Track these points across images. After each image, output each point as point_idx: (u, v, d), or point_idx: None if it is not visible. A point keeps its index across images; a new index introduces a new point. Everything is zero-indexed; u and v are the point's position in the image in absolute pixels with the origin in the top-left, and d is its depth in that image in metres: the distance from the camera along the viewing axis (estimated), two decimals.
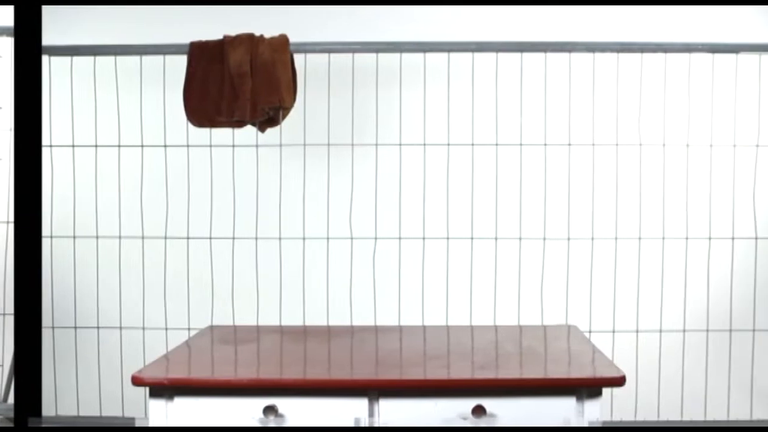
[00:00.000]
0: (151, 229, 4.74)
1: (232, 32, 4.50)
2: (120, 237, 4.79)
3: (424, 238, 4.69)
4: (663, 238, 4.78)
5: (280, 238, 4.68)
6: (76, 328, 4.82)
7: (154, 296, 4.74)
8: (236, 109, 4.48)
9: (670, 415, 4.76)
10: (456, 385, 2.61)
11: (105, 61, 4.66)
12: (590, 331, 4.57)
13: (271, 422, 2.54)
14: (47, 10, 4.80)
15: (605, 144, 4.74)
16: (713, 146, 4.82)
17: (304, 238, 4.65)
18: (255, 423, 2.58)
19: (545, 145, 4.68)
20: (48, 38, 4.71)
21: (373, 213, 4.71)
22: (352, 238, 4.62)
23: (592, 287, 4.76)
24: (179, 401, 2.60)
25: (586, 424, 2.59)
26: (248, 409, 2.57)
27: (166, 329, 4.65)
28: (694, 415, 4.75)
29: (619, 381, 2.60)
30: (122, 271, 4.79)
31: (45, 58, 4.68)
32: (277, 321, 4.51)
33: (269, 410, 2.53)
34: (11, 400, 4.73)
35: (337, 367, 2.87)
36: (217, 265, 4.70)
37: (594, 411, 2.60)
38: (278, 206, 4.66)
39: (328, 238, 4.68)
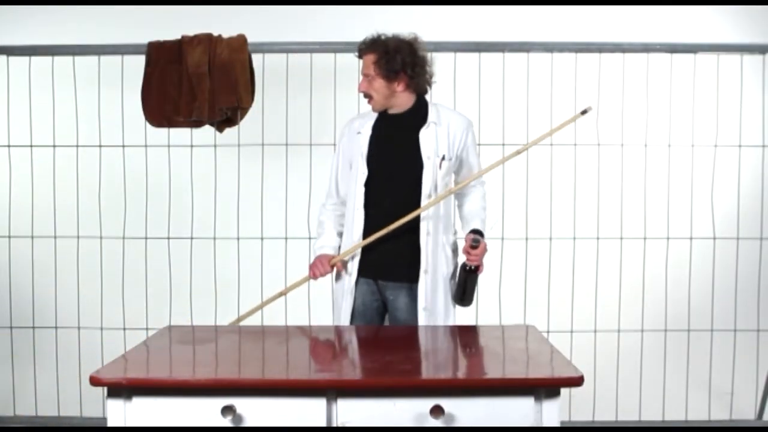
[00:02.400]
0: (109, 229, 4.73)
1: (191, 32, 4.50)
2: (78, 237, 4.79)
3: None
4: (621, 239, 4.79)
5: (238, 238, 4.68)
6: (34, 327, 4.82)
7: (112, 296, 4.73)
8: (194, 109, 4.48)
9: (628, 415, 4.77)
10: (414, 385, 2.59)
11: (63, 61, 4.66)
12: (548, 331, 4.55)
13: (229, 422, 2.53)
14: (4, 10, 4.79)
15: (563, 144, 4.74)
16: (671, 146, 4.83)
17: (262, 238, 4.65)
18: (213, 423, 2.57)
19: (503, 145, 4.68)
20: (6, 38, 4.70)
21: None
22: (309, 238, 4.62)
23: (550, 287, 4.76)
24: (137, 401, 2.58)
25: (544, 425, 2.58)
26: (206, 409, 2.55)
27: (124, 329, 4.65)
28: (652, 415, 4.76)
29: (577, 381, 2.57)
30: (80, 271, 4.78)
31: (3, 58, 4.67)
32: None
33: (227, 410, 2.51)
34: None
35: (295, 367, 2.86)
36: (175, 265, 4.69)
37: (552, 411, 2.57)
38: (236, 206, 4.65)
39: (286, 238, 4.68)
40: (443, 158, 3.82)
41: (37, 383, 4.80)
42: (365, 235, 3.84)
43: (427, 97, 3.96)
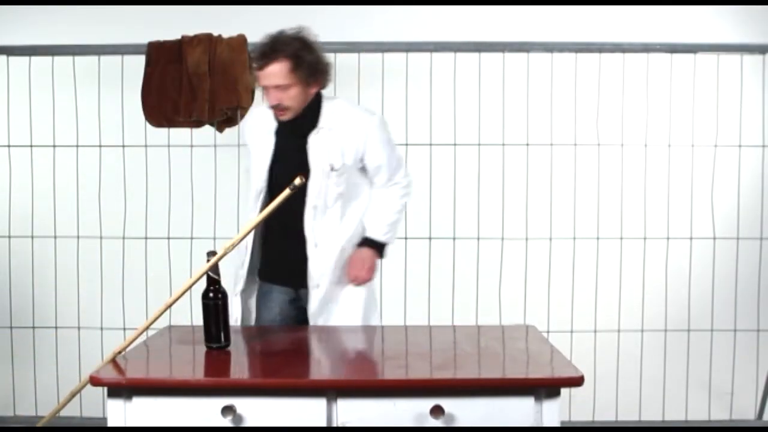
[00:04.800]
0: (109, 229, 4.73)
1: (191, 32, 4.50)
2: (78, 237, 4.79)
3: None
4: (621, 239, 4.79)
5: None
6: (34, 328, 4.81)
7: (112, 296, 4.73)
8: (194, 109, 4.48)
9: (628, 415, 4.76)
10: (414, 386, 2.61)
11: (63, 61, 4.65)
12: (548, 331, 4.53)
13: (229, 422, 2.54)
14: (4, 10, 4.78)
15: (563, 144, 4.75)
16: (671, 146, 4.83)
17: None
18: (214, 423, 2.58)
19: (503, 145, 4.69)
20: (6, 38, 4.70)
21: None
22: None
23: (550, 287, 4.76)
24: (137, 401, 2.60)
25: (544, 425, 2.58)
26: (206, 409, 2.57)
27: (125, 329, 4.64)
28: (652, 415, 4.76)
29: (577, 381, 2.59)
30: (80, 271, 4.78)
31: (3, 58, 4.67)
32: (235, 321, 4.50)
33: (227, 410, 2.52)
34: None
35: (296, 367, 2.86)
36: (175, 265, 4.68)
37: (552, 411, 2.59)
38: (236, 206, 4.64)
39: None
40: (332, 168, 3.56)
41: (37, 383, 4.79)
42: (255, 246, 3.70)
43: (326, 92, 3.68)
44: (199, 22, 4.60)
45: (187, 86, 4.48)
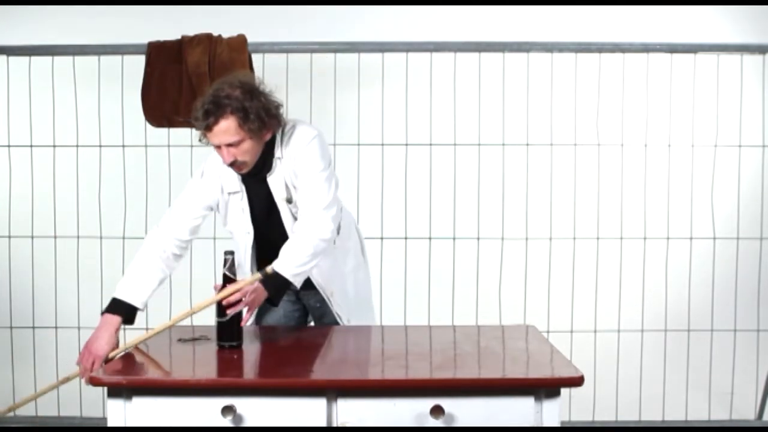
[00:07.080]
0: (109, 229, 4.73)
1: (191, 32, 4.49)
2: (78, 237, 4.79)
3: (382, 239, 4.68)
4: (621, 238, 4.79)
5: None
6: (34, 327, 4.81)
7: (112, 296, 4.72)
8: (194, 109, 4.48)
9: (628, 415, 4.76)
10: (414, 385, 2.61)
11: (63, 61, 4.65)
12: (548, 331, 4.54)
13: (229, 422, 2.54)
14: (4, 10, 4.79)
15: (563, 144, 4.75)
16: (671, 146, 4.83)
17: None
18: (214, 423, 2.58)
19: (503, 145, 4.69)
20: (6, 38, 4.70)
21: None
22: None
23: (550, 287, 4.76)
24: (137, 401, 2.60)
25: (544, 425, 2.58)
26: (206, 409, 2.57)
27: (124, 329, 4.62)
28: (652, 415, 4.75)
29: (577, 381, 2.59)
30: (80, 271, 4.78)
31: (3, 58, 4.67)
32: None
33: (227, 410, 2.53)
34: None
35: (296, 367, 2.86)
36: None
37: (552, 411, 2.59)
38: None
39: None
40: (289, 201, 3.36)
41: (37, 383, 4.78)
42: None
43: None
44: (199, 22, 4.59)
45: (187, 86, 4.48)
